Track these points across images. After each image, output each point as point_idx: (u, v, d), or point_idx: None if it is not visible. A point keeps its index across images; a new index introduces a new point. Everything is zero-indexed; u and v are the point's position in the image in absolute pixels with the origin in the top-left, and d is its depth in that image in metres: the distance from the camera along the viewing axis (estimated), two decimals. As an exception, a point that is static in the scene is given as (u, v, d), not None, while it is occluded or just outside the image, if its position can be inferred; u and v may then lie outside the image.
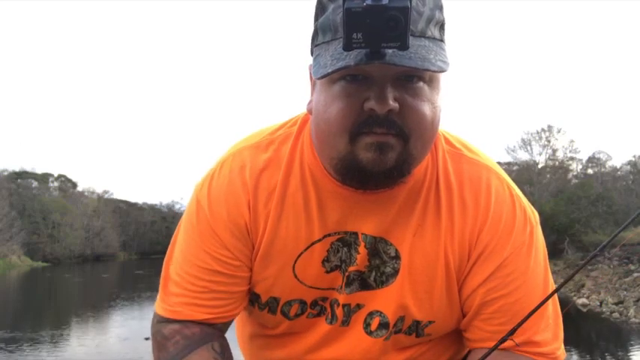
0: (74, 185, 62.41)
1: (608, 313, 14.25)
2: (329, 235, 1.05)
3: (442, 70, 0.87)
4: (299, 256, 1.05)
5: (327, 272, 1.06)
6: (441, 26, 0.94)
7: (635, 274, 18.11)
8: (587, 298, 16.28)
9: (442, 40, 0.93)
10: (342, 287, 1.07)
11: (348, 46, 0.78)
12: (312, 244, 1.05)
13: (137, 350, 10.10)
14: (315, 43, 0.95)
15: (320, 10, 0.94)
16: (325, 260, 1.06)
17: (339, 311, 1.08)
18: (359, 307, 1.08)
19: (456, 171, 1.08)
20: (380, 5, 0.74)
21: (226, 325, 1.11)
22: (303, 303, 1.09)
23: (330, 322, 1.09)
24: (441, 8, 0.94)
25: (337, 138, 0.93)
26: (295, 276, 1.06)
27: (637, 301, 14.84)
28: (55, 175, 59.76)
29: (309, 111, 1.03)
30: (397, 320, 1.07)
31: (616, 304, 14.99)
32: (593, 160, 36.60)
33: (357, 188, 1.00)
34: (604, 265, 19.97)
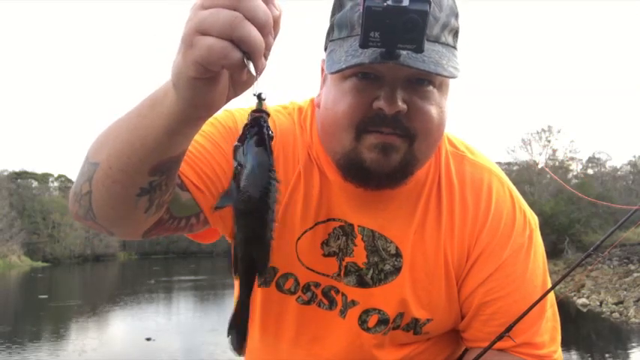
0: (74, 185, 62.09)
1: (608, 313, 14.22)
2: (332, 219, 1.06)
3: (453, 76, 0.88)
4: (304, 232, 1.06)
5: (324, 256, 1.07)
6: (455, 33, 0.95)
7: (635, 274, 18.09)
8: (587, 298, 16.24)
9: (455, 47, 0.94)
10: (340, 276, 1.07)
11: (364, 44, 0.80)
12: (317, 223, 1.06)
13: (137, 350, 10.10)
14: (330, 39, 0.97)
15: (338, 6, 0.95)
16: (325, 243, 1.06)
17: (338, 298, 1.08)
18: (354, 303, 1.08)
19: (458, 172, 1.09)
20: (400, 7, 0.75)
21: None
22: (296, 281, 1.09)
23: (329, 308, 1.09)
24: (456, 16, 0.95)
25: (343, 133, 0.95)
26: (296, 251, 1.06)
27: (637, 301, 14.81)
28: (55, 175, 59.72)
29: (318, 104, 1.05)
30: (396, 316, 1.07)
31: (616, 304, 14.96)
32: (593, 160, 36.59)
33: (358, 186, 1.01)
34: (604, 265, 19.95)
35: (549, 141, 34.78)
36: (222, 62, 0.62)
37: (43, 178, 58.12)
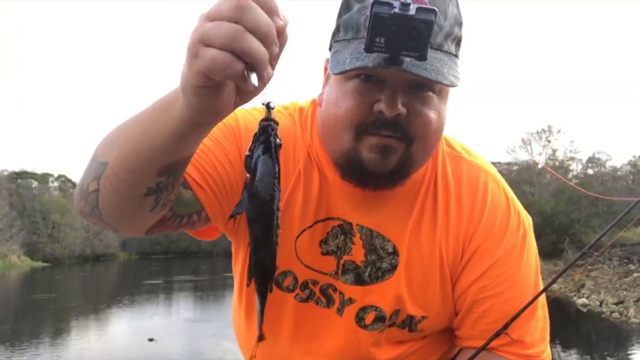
0: (74, 185, 61.96)
1: (608, 313, 14.21)
2: (331, 218, 1.08)
3: (453, 85, 0.90)
4: (303, 230, 1.07)
5: (323, 254, 1.08)
6: (458, 42, 0.97)
7: (635, 274, 18.11)
8: (587, 298, 16.25)
9: (457, 56, 0.96)
10: (337, 274, 1.09)
11: (369, 49, 0.81)
12: (316, 222, 1.07)
13: (140, 351, 10.11)
14: (335, 39, 0.98)
15: (345, 7, 0.97)
16: (323, 241, 1.08)
17: (336, 296, 1.10)
18: (351, 301, 1.10)
19: (454, 172, 1.12)
20: (406, 15, 0.77)
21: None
22: (295, 279, 1.10)
23: (327, 306, 1.11)
24: (460, 25, 0.96)
25: (344, 133, 0.97)
26: (295, 249, 1.08)
27: (637, 301, 14.82)
28: (55, 175, 59.75)
29: (319, 103, 1.06)
30: (392, 313, 1.09)
31: (616, 304, 14.97)
32: (593, 160, 36.63)
33: (355, 185, 1.02)
34: (604, 265, 19.97)
35: (549, 141, 34.87)
36: (224, 73, 0.63)
37: (43, 178, 58.11)
